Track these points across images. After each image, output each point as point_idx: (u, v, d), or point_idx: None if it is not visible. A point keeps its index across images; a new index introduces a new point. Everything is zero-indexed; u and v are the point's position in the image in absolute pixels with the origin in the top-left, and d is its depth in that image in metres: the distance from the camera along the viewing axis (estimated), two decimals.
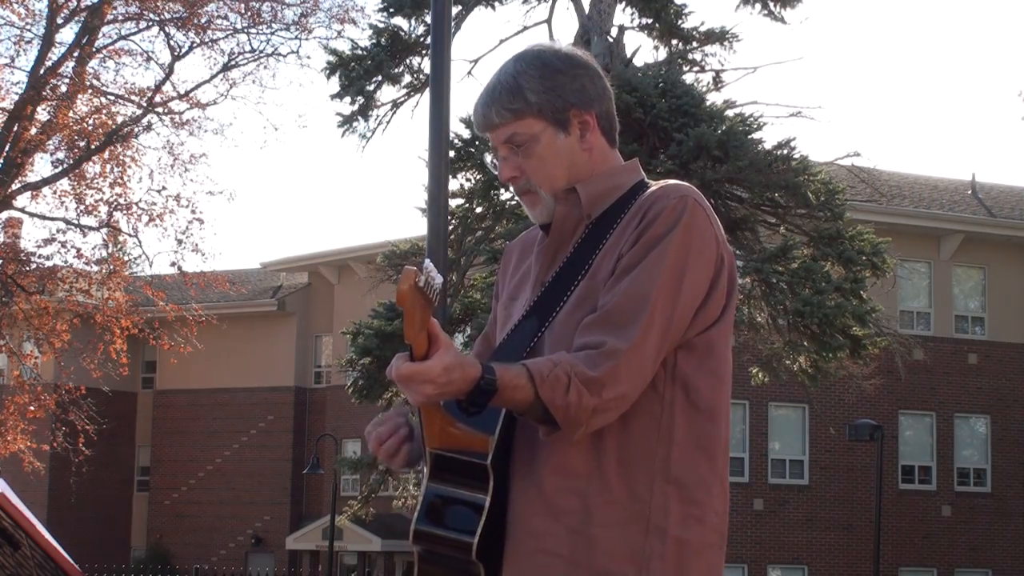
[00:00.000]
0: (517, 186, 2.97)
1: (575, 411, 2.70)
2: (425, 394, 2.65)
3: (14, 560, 4.79)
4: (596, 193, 2.94)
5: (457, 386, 2.66)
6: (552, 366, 2.71)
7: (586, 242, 2.92)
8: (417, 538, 2.85)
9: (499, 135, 2.94)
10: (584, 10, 21.19)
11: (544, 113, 2.90)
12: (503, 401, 2.70)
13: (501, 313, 3.08)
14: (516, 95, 2.90)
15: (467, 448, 2.81)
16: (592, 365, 2.71)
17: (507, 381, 2.68)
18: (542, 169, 2.93)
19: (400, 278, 2.57)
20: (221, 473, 43.91)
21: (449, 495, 2.83)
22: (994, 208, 35.65)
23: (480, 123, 2.96)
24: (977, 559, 33.25)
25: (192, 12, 25.80)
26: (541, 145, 2.92)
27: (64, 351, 25.37)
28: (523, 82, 2.90)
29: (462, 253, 19.78)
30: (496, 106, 2.91)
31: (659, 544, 2.79)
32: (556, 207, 2.97)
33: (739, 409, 31.38)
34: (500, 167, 2.97)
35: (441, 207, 8.31)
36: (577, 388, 2.69)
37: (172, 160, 26.20)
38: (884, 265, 19.22)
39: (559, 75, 2.92)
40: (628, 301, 2.77)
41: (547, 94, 2.90)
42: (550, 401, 2.69)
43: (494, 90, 2.93)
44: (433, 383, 2.63)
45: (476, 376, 2.66)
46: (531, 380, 2.69)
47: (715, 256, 2.84)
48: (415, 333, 2.61)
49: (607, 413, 2.74)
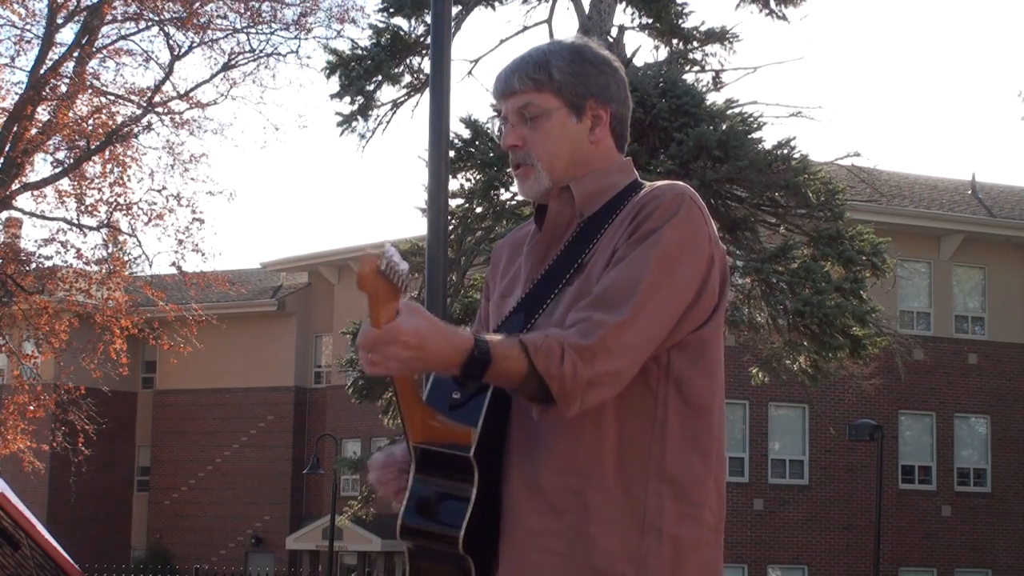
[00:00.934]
0: (515, 155, 2.99)
1: (570, 382, 2.69)
2: (397, 358, 2.59)
3: (14, 560, 4.79)
4: (590, 191, 2.96)
5: (440, 353, 2.63)
6: (544, 337, 2.72)
7: (578, 240, 2.94)
8: (405, 533, 2.85)
9: (514, 102, 2.98)
10: (584, 10, 21.19)
11: (563, 93, 2.96)
12: (497, 374, 2.69)
13: (492, 312, 3.08)
14: (542, 68, 2.96)
15: (450, 441, 2.80)
16: (583, 335, 2.72)
17: (501, 351, 2.67)
18: (547, 144, 2.96)
19: (360, 263, 2.54)
20: (221, 473, 43.91)
21: (434, 489, 2.82)
22: (994, 208, 35.66)
23: (500, 88, 3.01)
24: (977, 559, 33.25)
25: (192, 12, 25.79)
26: (552, 122, 2.96)
27: (64, 351, 25.36)
28: (552, 59, 2.97)
29: (462, 253, 19.77)
30: (520, 73, 2.97)
31: (655, 543, 2.81)
32: (550, 205, 3.00)
33: (739, 409, 31.39)
34: (505, 133, 3.00)
35: (441, 207, 8.30)
36: (571, 358, 2.69)
37: (172, 160, 26.23)
38: (884, 265, 19.22)
39: (588, 65, 2.99)
40: (618, 284, 2.78)
41: (572, 76, 2.96)
42: (545, 371, 2.68)
43: (523, 60, 3.00)
44: (401, 344, 2.58)
45: (468, 346, 2.65)
46: (524, 351, 2.69)
47: (707, 254, 2.86)
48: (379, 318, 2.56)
49: (601, 388, 2.74)
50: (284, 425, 43.28)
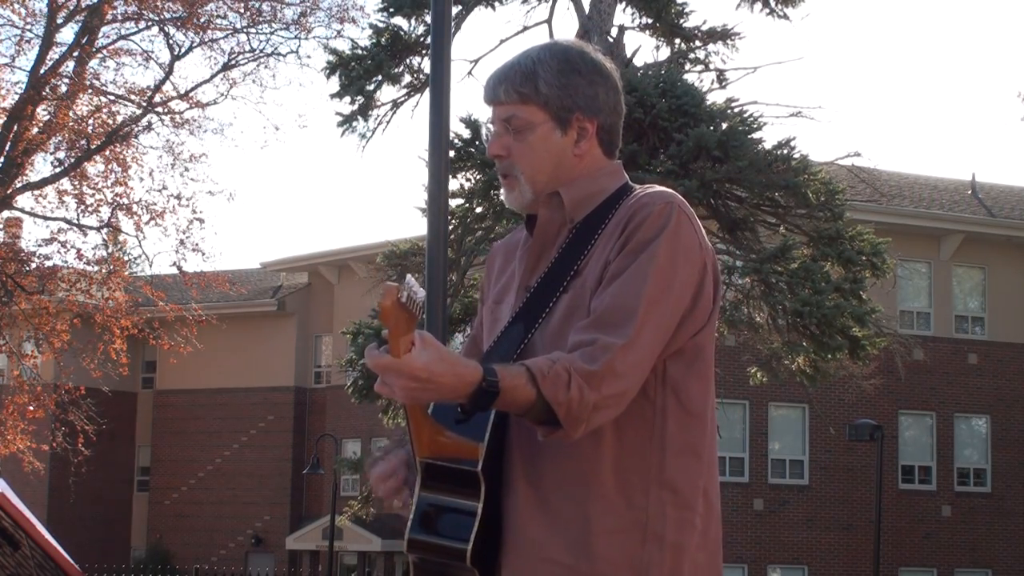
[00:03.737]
0: (500, 165, 2.99)
1: (577, 407, 2.69)
2: (406, 388, 2.61)
3: (14, 560, 4.79)
4: (579, 197, 2.95)
5: (449, 387, 2.64)
6: (551, 363, 2.71)
7: (570, 247, 2.93)
8: (411, 547, 2.85)
9: (500, 112, 2.96)
10: (584, 10, 21.18)
11: (549, 106, 2.93)
12: (504, 402, 2.69)
13: (487, 316, 3.08)
14: (528, 80, 2.93)
15: (457, 456, 2.81)
16: (590, 360, 2.72)
17: (509, 382, 2.67)
18: (529, 157, 2.94)
19: (382, 295, 2.55)
20: (221, 473, 43.91)
21: (441, 503, 2.83)
22: (994, 208, 35.66)
23: (487, 95, 2.99)
24: (977, 559, 33.24)
25: (192, 12, 25.79)
26: (535, 135, 2.94)
27: (64, 351, 25.35)
28: (540, 70, 2.93)
29: (462, 253, 19.77)
30: (506, 84, 2.95)
31: (657, 551, 2.81)
32: (540, 211, 2.99)
33: (739, 409, 31.38)
34: (491, 141, 3.00)
35: (441, 207, 8.29)
36: (578, 383, 2.69)
37: (172, 160, 26.23)
38: (884, 265, 19.20)
39: (577, 76, 2.95)
40: (619, 302, 2.78)
41: (559, 89, 2.93)
42: (552, 398, 2.68)
43: (510, 69, 2.96)
44: (412, 378, 2.59)
45: (476, 379, 2.64)
46: (532, 379, 2.68)
47: (700, 262, 2.86)
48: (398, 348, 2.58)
49: (606, 410, 2.74)
50: (284, 425, 43.28)
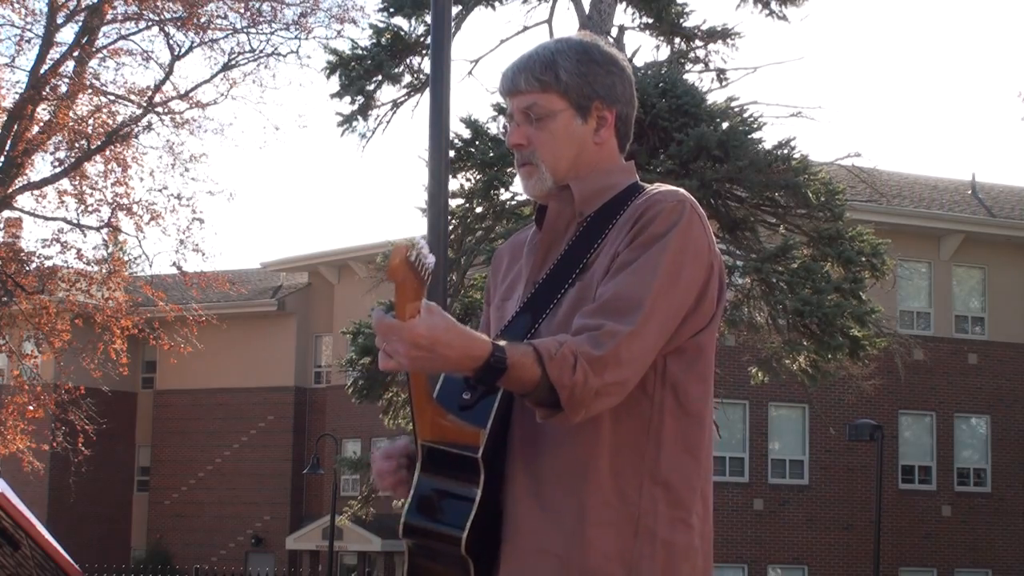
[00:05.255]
0: (520, 155, 2.99)
1: (580, 391, 2.69)
2: (408, 355, 2.60)
3: (14, 560, 4.78)
4: (589, 191, 2.97)
5: (455, 359, 2.63)
6: (558, 345, 2.71)
7: (580, 240, 2.94)
8: (407, 532, 2.84)
9: (520, 101, 2.98)
10: (584, 10, 21.18)
11: (569, 94, 2.96)
12: (509, 380, 2.69)
13: (494, 315, 3.09)
14: (549, 68, 2.96)
15: (458, 441, 2.80)
16: (595, 345, 2.72)
17: (515, 359, 2.67)
18: (551, 145, 2.96)
19: (391, 252, 2.55)
20: (221, 473, 43.91)
21: (440, 488, 2.82)
22: (994, 208, 35.67)
23: (506, 86, 3.00)
24: (977, 559, 33.25)
25: (192, 12, 25.79)
26: (557, 123, 2.96)
27: (64, 351, 25.36)
28: (559, 59, 2.96)
29: (462, 253, 19.77)
30: (526, 73, 2.97)
31: (648, 546, 2.82)
32: (549, 204, 3.00)
33: (739, 409, 31.38)
34: (510, 132, 3.00)
35: (441, 207, 8.31)
36: (583, 367, 2.69)
37: (172, 160, 26.23)
38: (884, 266, 19.21)
39: (595, 65, 2.98)
40: (628, 291, 2.78)
41: (578, 78, 2.96)
42: (557, 380, 2.68)
43: (529, 59, 2.99)
44: (415, 344, 2.58)
45: (484, 353, 2.64)
46: (538, 359, 2.68)
47: (708, 262, 2.87)
48: (404, 313, 2.56)
49: (607, 398, 2.74)
50: (284, 425, 43.28)
